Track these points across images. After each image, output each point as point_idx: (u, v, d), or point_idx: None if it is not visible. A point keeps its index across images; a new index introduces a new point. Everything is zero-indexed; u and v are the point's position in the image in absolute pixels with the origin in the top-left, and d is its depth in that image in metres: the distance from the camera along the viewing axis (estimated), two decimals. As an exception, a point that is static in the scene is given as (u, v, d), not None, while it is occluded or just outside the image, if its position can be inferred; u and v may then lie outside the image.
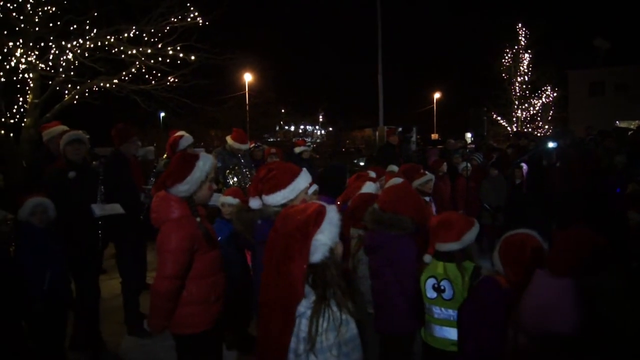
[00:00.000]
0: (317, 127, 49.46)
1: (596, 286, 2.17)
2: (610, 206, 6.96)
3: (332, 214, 2.21)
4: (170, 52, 9.85)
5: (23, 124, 9.19)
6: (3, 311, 3.70)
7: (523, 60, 32.22)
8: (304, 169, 3.23)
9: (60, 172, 4.81)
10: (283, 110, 35.57)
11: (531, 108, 32.85)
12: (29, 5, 8.76)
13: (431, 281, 3.31)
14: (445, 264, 3.26)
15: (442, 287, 3.25)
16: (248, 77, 31.50)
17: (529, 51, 32.10)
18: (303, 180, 3.12)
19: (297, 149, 8.68)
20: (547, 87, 32.34)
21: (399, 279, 3.54)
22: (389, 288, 3.60)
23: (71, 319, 4.80)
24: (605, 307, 2.11)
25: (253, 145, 8.32)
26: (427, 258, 3.31)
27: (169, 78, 10.26)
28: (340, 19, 78.05)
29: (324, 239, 2.13)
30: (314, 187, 4.54)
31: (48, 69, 9.37)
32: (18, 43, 8.82)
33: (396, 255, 3.56)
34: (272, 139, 30.10)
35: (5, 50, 8.81)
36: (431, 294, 3.31)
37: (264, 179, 3.09)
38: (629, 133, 11.44)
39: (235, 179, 6.65)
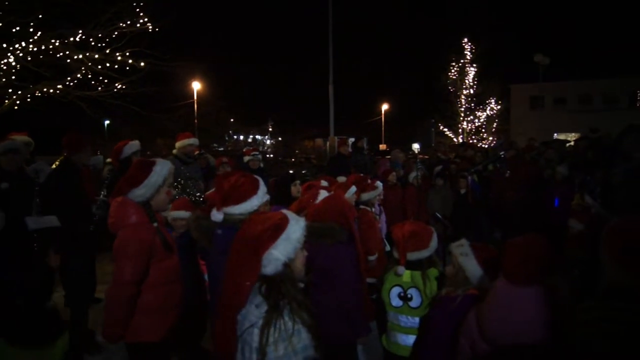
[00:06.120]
0: (266, 136, 49.45)
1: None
2: (551, 216, 7.23)
3: (294, 229, 2.18)
4: (119, 58, 9.62)
5: (-41, 130, 8.71)
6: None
7: (468, 73, 33.43)
8: (260, 180, 3.20)
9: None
10: (232, 120, 35.30)
11: (476, 120, 34.08)
12: (-33, 6, 8.37)
13: (396, 290, 3.31)
14: (412, 272, 3.27)
15: (409, 296, 3.26)
16: (197, 86, 31.07)
17: (474, 65, 33.32)
18: (264, 192, 3.13)
19: (245, 158, 8.69)
20: (491, 100, 33.63)
21: (335, 289, 3.42)
22: (325, 298, 3.37)
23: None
24: (559, 314, 2.17)
25: (197, 153, 8.19)
26: (400, 270, 3.27)
27: (117, 84, 10.00)
28: (291, 28, 78.44)
29: (277, 254, 2.12)
30: (267, 196, 4.53)
31: (-13, 72, 8.96)
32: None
33: (330, 265, 3.41)
34: (221, 149, 29.82)
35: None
36: (396, 302, 3.31)
37: (231, 189, 3.05)
38: (567, 145, 11.96)
39: (178, 192, 6.43)
